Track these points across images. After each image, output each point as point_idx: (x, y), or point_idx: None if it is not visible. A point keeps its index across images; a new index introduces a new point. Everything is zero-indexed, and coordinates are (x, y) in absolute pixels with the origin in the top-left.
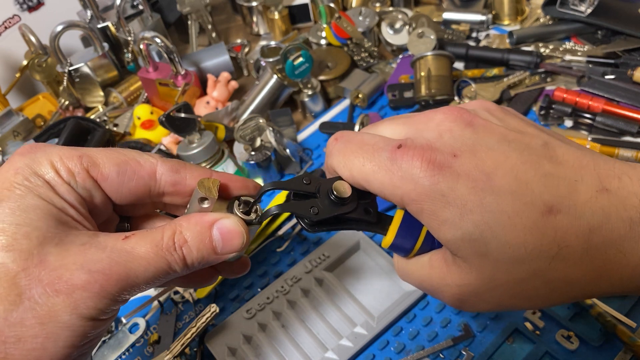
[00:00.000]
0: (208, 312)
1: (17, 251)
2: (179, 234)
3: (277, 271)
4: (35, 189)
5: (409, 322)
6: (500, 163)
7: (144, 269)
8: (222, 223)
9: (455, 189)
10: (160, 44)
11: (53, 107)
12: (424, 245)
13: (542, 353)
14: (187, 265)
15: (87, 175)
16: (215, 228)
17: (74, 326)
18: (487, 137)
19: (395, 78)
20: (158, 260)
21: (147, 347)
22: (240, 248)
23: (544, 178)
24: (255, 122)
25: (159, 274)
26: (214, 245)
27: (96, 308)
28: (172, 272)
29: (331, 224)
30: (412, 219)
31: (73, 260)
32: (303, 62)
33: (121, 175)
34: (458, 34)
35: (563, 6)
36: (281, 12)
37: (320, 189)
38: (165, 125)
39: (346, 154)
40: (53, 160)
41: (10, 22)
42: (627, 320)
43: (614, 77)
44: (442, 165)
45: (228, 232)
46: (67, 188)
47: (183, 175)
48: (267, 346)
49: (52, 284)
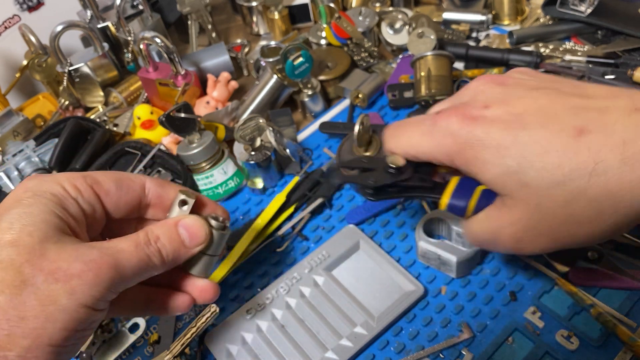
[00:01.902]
0: (208, 312)
1: (22, 246)
2: (151, 232)
3: (277, 271)
4: (42, 200)
5: (409, 322)
6: (530, 105)
7: (128, 259)
8: (185, 221)
9: (490, 133)
10: (160, 44)
11: (53, 107)
12: (478, 204)
13: (542, 353)
14: (164, 258)
15: (92, 191)
16: (180, 226)
17: (71, 310)
18: (517, 89)
19: (395, 78)
20: (138, 252)
21: (147, 347)
22: (204, 239)
23: (573, 109)
24: (255, 122)
25: (142, 265)
26: (182, 239)
27: (91, 295)
28: (153, 265)
29: (391, 192)
30: (465, 182)
31: (69, 254)
32: (303, 62)
33: (119, 189)
34: (458, 34)
35: (563, 6)
36: (281, 12)
37: (379, 164)
38: (165, 125)
39: (396, 135)
40: (60, 180)
41: (10, 22)
42: (627, 320)
43: (614, 77)
44: (475, 117)
45: (191, 227)
46: (72, 202)
47: (167, 190)
48: (267, 346)
49: (52, 272)
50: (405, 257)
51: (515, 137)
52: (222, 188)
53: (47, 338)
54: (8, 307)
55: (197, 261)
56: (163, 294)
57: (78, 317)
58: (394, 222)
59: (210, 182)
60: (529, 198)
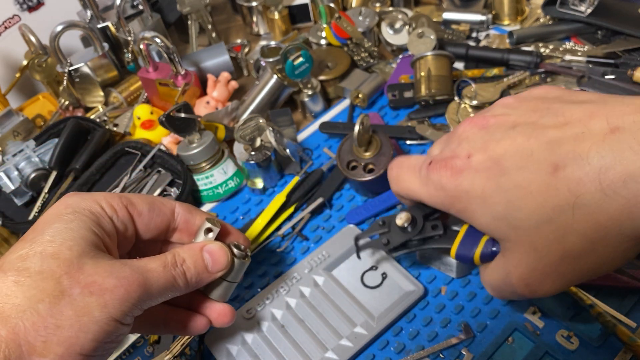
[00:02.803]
0: None
1: (62, 259)
2: (178, 256)
3: (277, 271)
4: (82, 217)
5: (409, 322)
6: (508, 147)
7: (156, 279)
8: (209, 247)
9: (474, 183)
10: (160, 44)
11: (53, 107)
12: (483, 252)
13: (542, 353)
14: (187, 280)
15: (126, 211)
16: (204, 251)
17: (102, 322)
18: (497, 131)
19: (395, 78)
20: (166, 273)
21: (147, 347)
22: (226, 265)
23: (548, 144)
24: (255, 122)
25: (167, 285)
26: (205, 263)
27: (120, 309)
28: (177, 286)
29: (410, 246)
30: (473, 231)
31: (104, 269)
32: (303, 62)
33: (151, 212)
34: (458, 34)
35: (563, 6)
36: (281, 12)
37: (392, 224)
38: (165, 125)
39: (399, 180)
40: (98, 199)
41: (10, 22)
42: (627, 320)
43: (614, 77)
44: (461, 168)
45: (215, 253)
46: (108, 220)
47: (194, 216)
48: (267, 346)
49: (88, 286)
50: (405, 257)
51: (497, 183)
52: (222, 188)
53: (79, 347)
54: (47, 315)
55: (217, 286)
56: (182, 314)
57: (108, 329)
58: None
59: (210, 182)
60: (522, 239)
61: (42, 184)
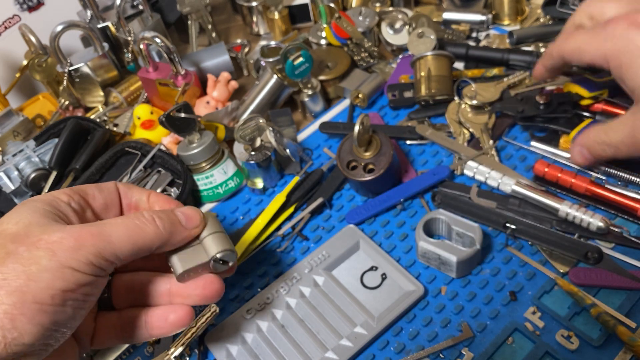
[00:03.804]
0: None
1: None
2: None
3: (277, 271)
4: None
5: (408, 322)
6: None
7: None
8: (182, 208)
9: None
10: (160, 44)
11: (53, 107)
12: None
13: (542, 353)
14: (159, 227)
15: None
16: (177, 211)
17: (53, 269)
18: None
19: (395, 78)
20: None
21: (147, 347)
22: (199, 222)
23: None
24: (255, 122)
25: (131, 234)
26: (179, 219)
27: (73, 257)
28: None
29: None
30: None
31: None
32: (303, 62)
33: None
34: (458, 34)
35: (563, 6)
36: (281, 12)
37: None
38: (165, 125)
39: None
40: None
41: (10, 22)
42: (627, 320)
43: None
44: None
45: (188, 212)
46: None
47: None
48: (267, 346)
49: (34, 243)
50: (405, 257)
51: None
52: (222, 188)
53: (32, 295)
54: None
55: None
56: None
57: (62, 277)
58: (394, 222)
59: (210, 182)
60: None
61: (42, 184)
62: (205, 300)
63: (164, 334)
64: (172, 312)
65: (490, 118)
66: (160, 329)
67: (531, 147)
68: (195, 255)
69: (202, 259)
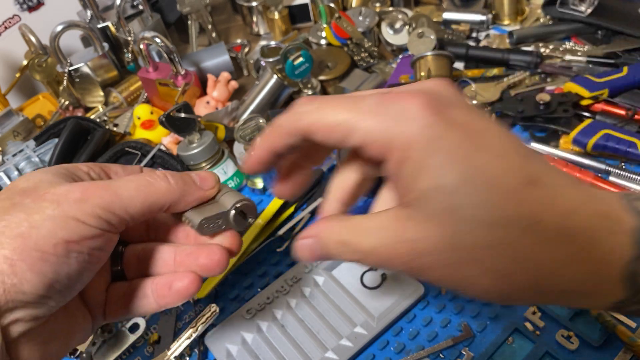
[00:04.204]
0: (208, 312)
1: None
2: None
3: (277, 271)
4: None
5: (409, 322)
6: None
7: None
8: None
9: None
10: (160, 44)
11: (53, 107)
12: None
13: (542, 353)
14: (170, 183)
15: (100, 169)
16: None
17: (57, 218)
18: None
19: (395, 78)
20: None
21: (147, 347)
22: (214, 183)
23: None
24: (255, 122)
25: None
26: (193, 179)
27: (79, 209)
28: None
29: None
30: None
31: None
32: (303, 62)
33: (124, 170)
34: (458, 34)
35: (563, 6)
36: (281, 12)
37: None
38: (165, 125)
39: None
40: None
41: (10, 22)
42: (627, 320)
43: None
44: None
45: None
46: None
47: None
48: (267, 346)
49: (40, 195)
50: None
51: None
52: None
53: (33, 243)
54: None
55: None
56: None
57: (66, 226)
58: None
59: None
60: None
61: None
62: (207, 271)
63: (170, 303)
64: (177, 280)
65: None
66: (165, 298)
67: (531, 147)
68: (213, 209)
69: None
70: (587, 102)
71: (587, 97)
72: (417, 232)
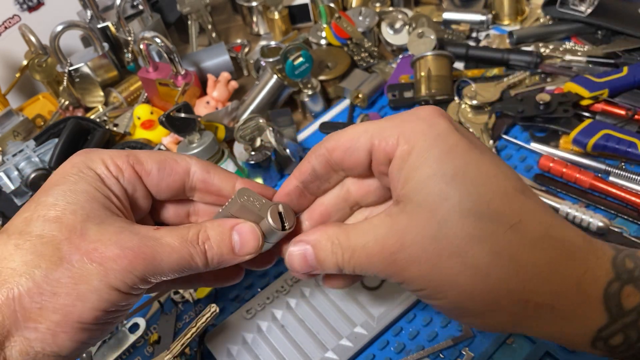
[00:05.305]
0: (208, 312)
1: (64, 224)
2: (203, 232)
3: (277, 271)
4: (87, 178)
5: (409, 322)
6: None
7: (168, 254)
8: (241, 227)
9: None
10: (160, 44)
11: (53, 107)
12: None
13: (542, 353)
14: (207, 260)
15: (132, 171)
16: (235, 231)
17: (102, 292)
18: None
19: (395, 78)
20: (181, 249)
21: (147, 347)
22: (256, 250)
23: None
24: (255, 122)
25: (181, 263)
26: (232, 245)
27: (122, 280)
28: (193, 264)
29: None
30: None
31: (109, 238)
32: (303, 62)
33: (161, 171)
34: (458, 34)
35: (563, 6)
36: (281, 12)
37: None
38: (165, 125)
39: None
40: (104, 158)
41: (10, 22)
42: None
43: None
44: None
45: (246, 234)
46: (114, 181)
47: (212, 175)
48: (267, 346)
49: (89, 253)
50: None
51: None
52: None
53: (77, 315)
54: (43, 282)
55: None
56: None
57: (108, 298)
58: None
59: None
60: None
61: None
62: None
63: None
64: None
65: (490, 118)
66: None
67: (531, 147)
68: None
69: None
70: (587, 102)
71: (587, 97)
72: (407, 220)
